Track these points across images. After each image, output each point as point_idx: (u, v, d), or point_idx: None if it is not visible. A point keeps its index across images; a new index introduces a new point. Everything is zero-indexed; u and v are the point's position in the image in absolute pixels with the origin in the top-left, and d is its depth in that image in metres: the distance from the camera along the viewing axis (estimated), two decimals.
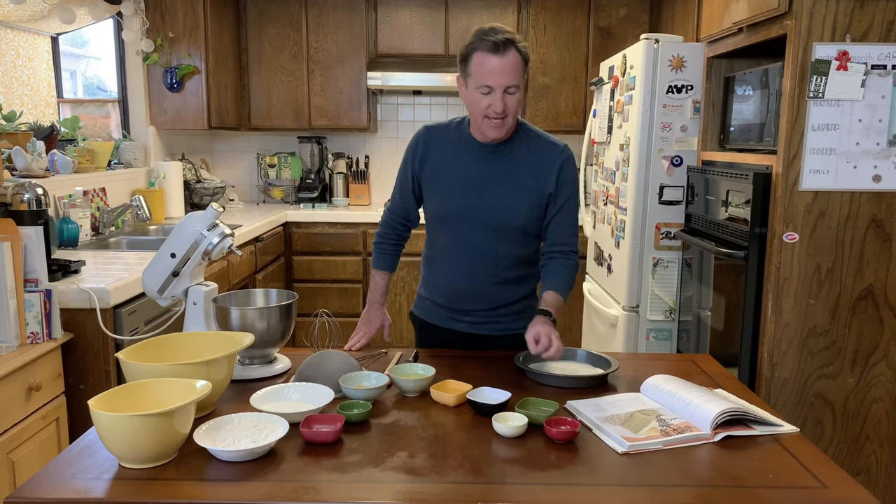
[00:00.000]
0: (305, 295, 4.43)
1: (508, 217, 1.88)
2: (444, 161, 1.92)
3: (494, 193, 1.87)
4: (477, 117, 1.81)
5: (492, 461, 1.29)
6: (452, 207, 1.91)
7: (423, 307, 2.09)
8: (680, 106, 2.97)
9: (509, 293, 1.98)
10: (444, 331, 2.04)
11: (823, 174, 2.24)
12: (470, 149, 1.90)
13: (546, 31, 4.50)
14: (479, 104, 1.77)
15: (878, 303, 2.29)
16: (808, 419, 2.36)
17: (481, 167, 1.89)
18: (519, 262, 1.96)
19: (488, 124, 1.79)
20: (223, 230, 1.78)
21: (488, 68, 1.72)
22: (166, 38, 4.04)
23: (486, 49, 1.72)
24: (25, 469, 1.94)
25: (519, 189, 1.88)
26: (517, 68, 1.74)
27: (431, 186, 1.95)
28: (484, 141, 1.88)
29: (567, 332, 4.49)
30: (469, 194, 1.88)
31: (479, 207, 1.88)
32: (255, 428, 1.33)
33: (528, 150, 1.89)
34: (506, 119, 1.78)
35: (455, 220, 1.92)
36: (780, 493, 1.19)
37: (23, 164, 2.91)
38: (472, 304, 1.98)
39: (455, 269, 1.96)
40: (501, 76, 1.72)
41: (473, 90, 1.77)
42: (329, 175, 4.92)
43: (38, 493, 1.16)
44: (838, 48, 2.18)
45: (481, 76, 1.74)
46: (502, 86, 1.73)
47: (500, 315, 2.00)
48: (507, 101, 1.75)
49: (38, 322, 2.04)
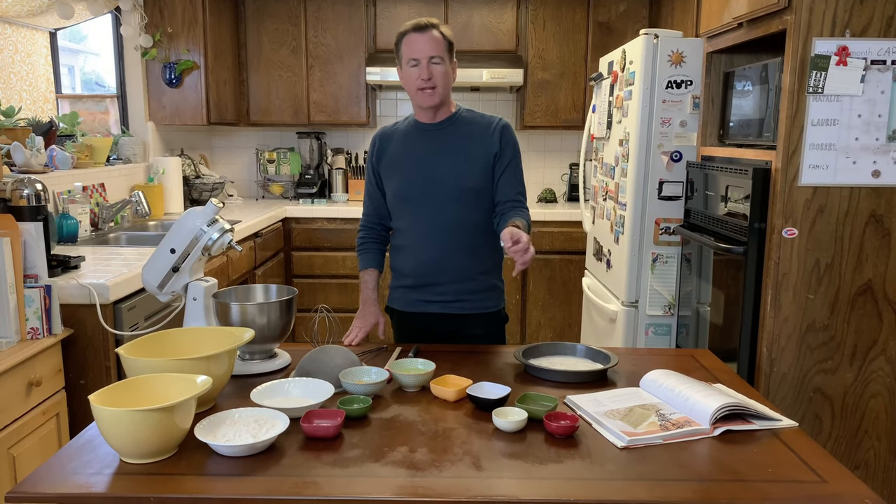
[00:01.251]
0: (305, 290, 4.44)
1: (462, 181, 2.04)
2: (396, 149, 2.12)
3: (444, 164, 2.05)
4: (413, 93, 2.03)
5: (491, 456, 1.29)
6: (410, 182, 2.07)
7: (395, 297, 2.19)
8: (679, 101, 2.96)
9: (475, 263, 2.09)
10: (416, 316, 2.14)
11: (823, 169, 2.24)
12: (418, 132, 2.11)
13: (545, 27, 4.50)
14: (411, 78, 2.00)
15: (877, 298, 2.29)
16: (806, 414, 2.36)
17: (430, 143, 2.08)
18: (479, 229, 2.08)
19: (421, 95, 2.00)
20: (223, 226, 1.79)
21: (412, 44, 1.98)
22: (165, 33, 4.03)
23: (411, 30, 2.00)
24: (26, 464, 1.94)
25: (467, 155, 2.05)
26: (439, 43, 1.98)
27: (389, 173, 2.12)
28: (424, 120, 2.09)
29: (567, 328, 4.50)
30: (422, 168, 2.06)
31: (434, 177, 2.05)
32: (255, 423, 1.34)
33: (468, 124, 2.10)
34: (435, 88, 1.99)
35: (414, 196, 2.07)
36: (779, 487, 1.20)
37: (22, 159, 2.91)
38: (440, 276, 2.07)
39: (421, 243, 2.08)
40: (424, 48, 1.97)
41: (406, 70, 2.01)
42: (328, 170, 4.92)
43: (40, 488, 1.17)
44: (838, 43, 2.18)
45: (408, 52, 1.99)
46: (426, 56, 1.97)
47: (469, 291, 2.09)
48: (433, 70, 1.98)
49: (38, 317, 2.04)
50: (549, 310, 4.48)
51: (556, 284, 4.44)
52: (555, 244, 4.39)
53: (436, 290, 2.09)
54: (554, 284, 4.44)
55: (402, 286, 2.16)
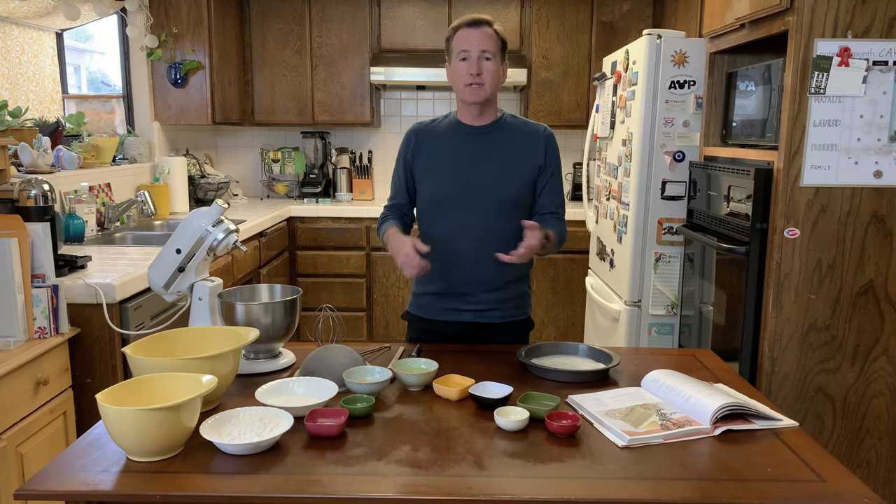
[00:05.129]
0: (309, 289, 4.45)
1: (502, 190, 1.96)
2: (435, 148, 2.03)
3: (486, 170, 1.97)
4: (459, 88, 1.95)
5: (494, 455, 1.30)
6: (447, 187, 1.99)
7: (421, 304, 2.09)
8: (682, 101, 2.97)
9: (509, 273, 2.00)
10: (445, 324, 2.04)
11: (825, 170, 2.25)
12: (459, 133, 2.02)
13: (549, 27, 4.50)
14: (460, 72, 1.93)
15: (879, 298, 2.30)
16: (808, 413, 2.37)
17: (472, 147, 1.99)
18: (515, 238, 1.91)
19: (468, 91, 1.92)
20: (228, 226, 1.80)
21: (465, 37, 1.92)
22: (170, 33, 4.05)
23: (465, 25, 1.94)
24: (34, 462, 1.96)
25: (509, 164, 1.98)
26: (491, 39, 1.91)
27: (425, 174, 2.03)
28: (467, 121, 2.00)
29: (570, 327, 4.51)
30: (461, 173, 1.97)
31: (473, 184, 1.97)
32: (260, 422, 1.35)
33: (513, 130, 2.02)
34: (483, 85, 1.91)
35: (451, 201, 1.98)
36: (779, 487, 1.21)
37: (29, 160, 2.93)
38: (473, 286, 1.99)
39: (455, 253, 1.98)
40: (477, 42, 1.90)
41: (455, 63, 1.94)
42: (332, 170, 4.93)
43: (48, 485, 1.18)
44: (840, 44, 2.18)
45: (460, 45, 1.92)
46: (477, 49, 1.90)
47: (501, 300, 2.02)
48: (483, 65, 1.91)
49: (45, 317, 2.06)
50: (552, 309, 4.49)
51: (559, 284, 4.45)
52: None
53: (468, 299, 2.01)
54: (557, 284, 4.45)
55: (429, 293, 2.05)
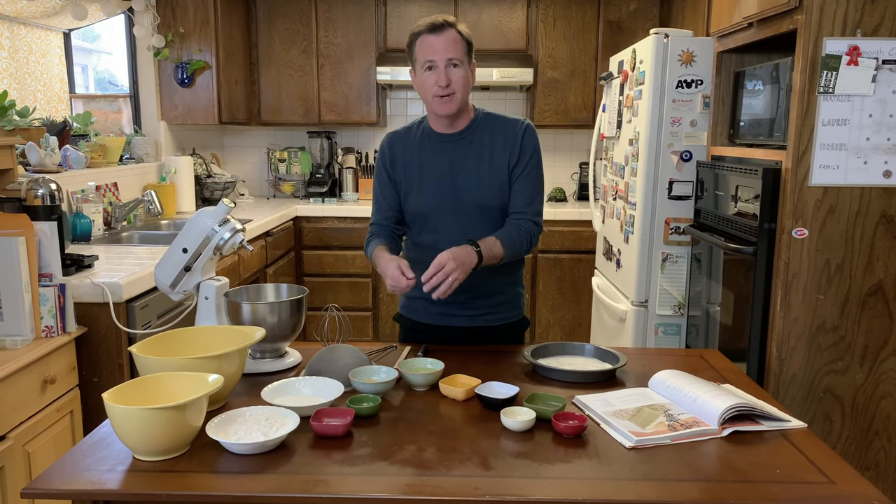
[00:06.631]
0: (315, 289, 4.46)
1: (484, 198, 1.90)
2: (411, 159, 1.95)
3: (466, 178, 1.90)
4: (428, 99, 1.86)
5: (500, 455, 1.30)
6: (428, 201, 1.93)
7: (415, 308, 2.05)
8: (689, 101, 2.96)
9: (501, 278, 1.97)
10: (439, 328, 2.01)
11: (833, 169, 2.23)
12: (433, 141, 1.94)
13: (555, 26, 4.50)
14: (427, 84, 1.83)
15: (888, 298, 2.28)
16: (816, 414, 2.36)
17: (448, 156, 1.92)
18: None
19: (438, 103, 1.83)
20: (234, 225, 1.80)
21: (428, 46, 1.80)
22: (177, 33, 4.06)
23: (425, 31, 1.81)
24: (41, 461, 1.97)
25: (488, 170, 1.90)
26: (457, 43, 1.81)
27: (406, 186, 1.97)
28: (440, 129, 1.92)
29: (576, 327, 4.50)
30: (442, 184, 1.91)
31: (455, 195, 1.91)
32: (266, 421, 1.35)
33: (490, 131, 1.93)
34: (453, 95, 1.82)
35: (435, 213, 1.93)
36: (787, 489, 1.20)
37: (36, 159, 2.94)
38: (465, 293, 1.90)
39: None
40: (441, 50, 1.79)
41: (421, 73, 1.84)
42: (338, 170, 4.94)
43: (54, 484, 1.18)
44: (849, 43, 2.17)
45: (424, 54, 1.81)
46: (443, 59, 1.79)
47: (495, 305, 2.00)
48: (451, 74, 1.80)
49: (52, 316, 2.07)
50: (558, 309, 4.48)
51: (565, 284, 4.44)
52: (564, 243, 4.39)
53: (461, 305, 1.97)
54: (563, 284, 4.44)
55: (422, 298, 1.94)
